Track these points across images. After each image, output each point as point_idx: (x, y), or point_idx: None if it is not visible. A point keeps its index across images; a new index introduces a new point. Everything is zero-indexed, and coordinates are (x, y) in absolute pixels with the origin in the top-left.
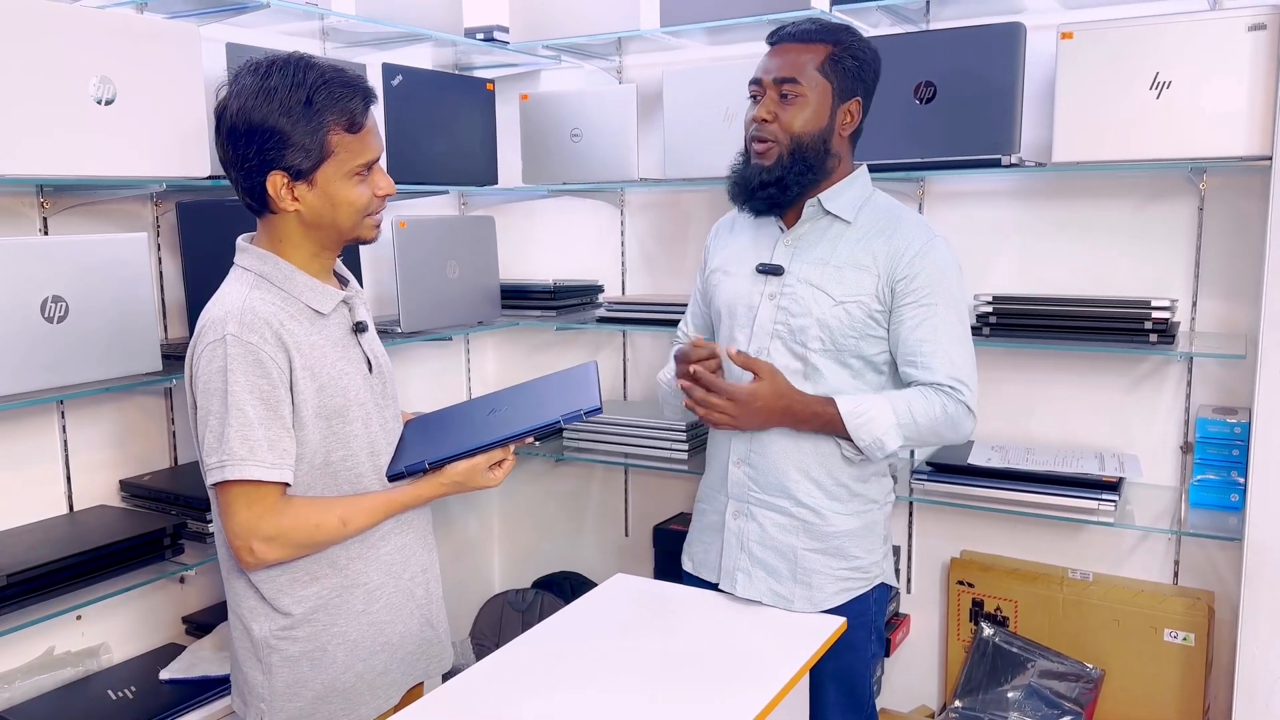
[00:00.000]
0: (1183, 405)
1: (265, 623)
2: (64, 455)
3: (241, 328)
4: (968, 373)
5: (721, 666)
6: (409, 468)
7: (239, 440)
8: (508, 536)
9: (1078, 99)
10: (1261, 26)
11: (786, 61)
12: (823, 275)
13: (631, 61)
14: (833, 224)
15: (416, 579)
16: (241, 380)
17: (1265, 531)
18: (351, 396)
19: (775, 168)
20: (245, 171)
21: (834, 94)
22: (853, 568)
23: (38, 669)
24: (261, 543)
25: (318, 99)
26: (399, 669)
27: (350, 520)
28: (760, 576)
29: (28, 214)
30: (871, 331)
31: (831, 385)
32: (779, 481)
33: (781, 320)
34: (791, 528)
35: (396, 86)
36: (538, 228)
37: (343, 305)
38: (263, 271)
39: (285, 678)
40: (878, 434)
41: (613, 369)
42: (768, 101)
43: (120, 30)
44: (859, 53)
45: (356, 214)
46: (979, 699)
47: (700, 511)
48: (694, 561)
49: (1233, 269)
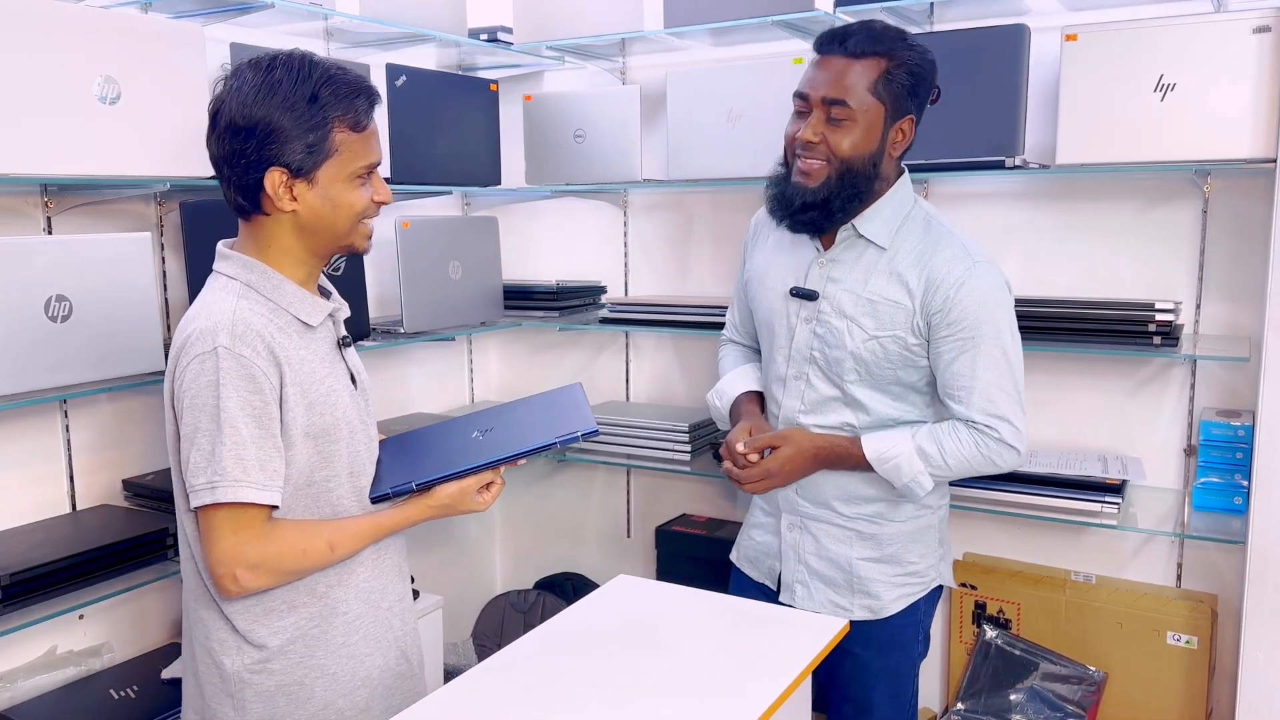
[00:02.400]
0: (1186, 408)
1: (238, 657)
2: (67, 454)
3: (233, 340)
4: (1008, 408)
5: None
6: (394, 489)
7: (233, 460)
8: (509, 538)
9: (1082, 101)
10: (1266, 29)
11: (835, 79)
12: (856, 307)
13: (635, 62)
14: (867, 249)
15: (394, 608)
16: (234, 395)
17: (1268, 535)
18: (339, 415)
19: (821, 189)
20: (241, 168)
21: (887, 115)
22: (909, 573)
23: (40, 668)
24: (246, 570)
25: (323, 95)
26: (379, 705)
27: (338, 546)
28: (819, 588)
29: (31, 213)
30: (909, 363)
31: (873, 411)
32: (822, 499)
33: (818, 349)
34: (845, 538)
35: (400, 87)
36: (541, 228)
37: (329, 319)
38: (249, 280)
39: (260, 714)
40: (906, 480)
41: (616, 370)
42: (815, 121)
43: (125, 30)
44: (915, 67)
45: (354, 218)
46: (981, 702)
47: (756, 509)
48: (740, 554)
49: (1237, 272)
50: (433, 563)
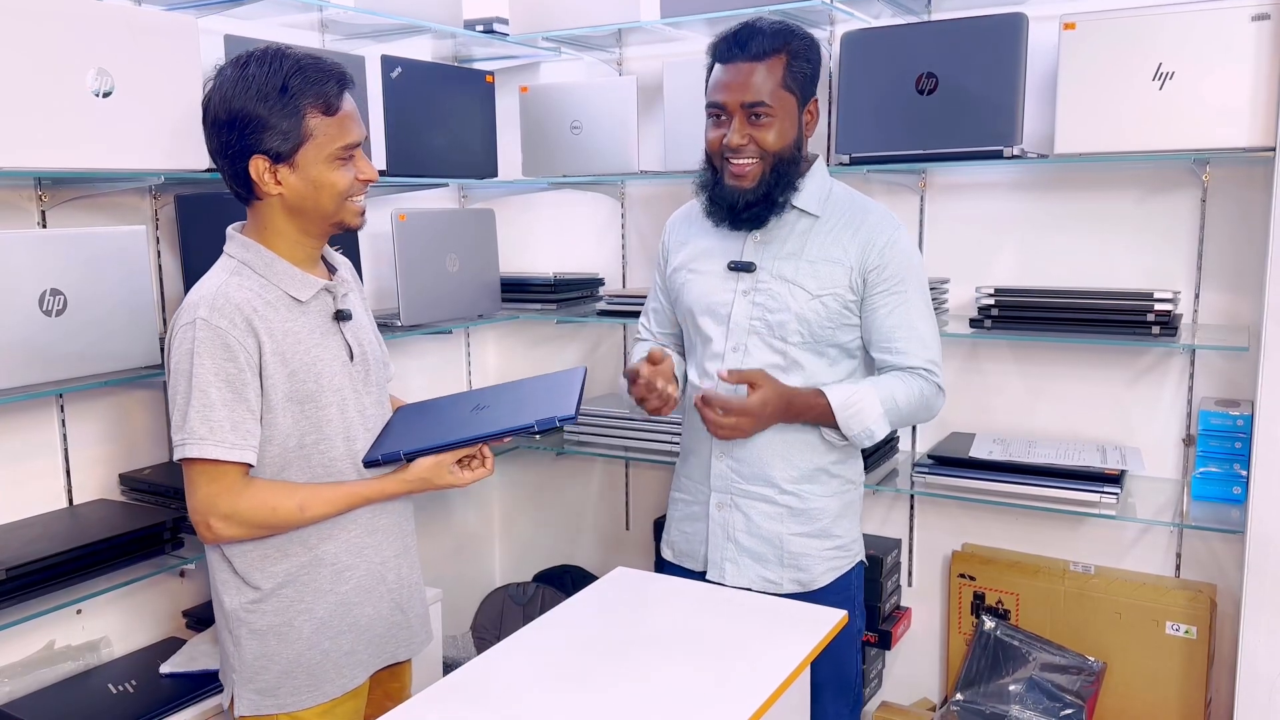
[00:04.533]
0: (1185, 397)
1: (236, 596)
2: (63, 449)
3: (212, 312)
4: (937, 352)
5: (723, 659)
6: (385, 456)
7: (199, 420)
8: (508, 530)
9: (1080, 90)
10: (1265, 17)
11: (749, 84)
12: (797, 270)
13: (632, 53)
14: (800, 218)
15: (389, 563)
16: (207, 363)
17: (1267, 524)
18: (325, 383)
19: (760, 186)
20: (229, 158)
21: (798, 102)
22: (837, 547)
23: (38, 663)
24: (218, 520)
25: (292, 84)
26: (366, 650)
27: (308, 508)
28: (748, 564)
29: (26, 207)
30: (846, 321)
31: (810, 374)
32: (762, 471)
33: (759, 316)
34: (776, 515)
35: (396, 79)
36: (538, 220)
37: (324, 293)
38: (245, 259)
39: (253, 650)
40: (868, 424)
41: (613, 362)
42: (739, 125)
43: (118, 22)
44: (808, 53)
45: (338, 197)
46: (980, 692)
47: (678, 502)
48: (674, 550)
49: (1236, 261)
50: (432, 555)
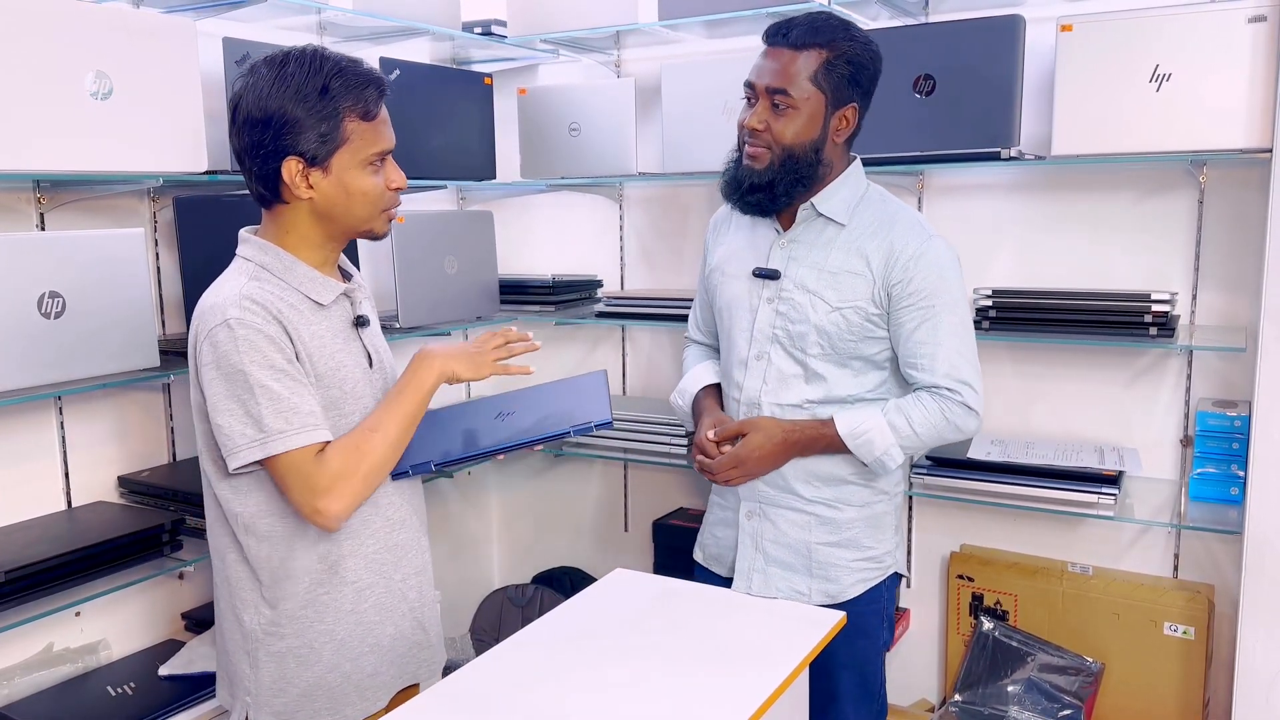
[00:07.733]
0: (1182, 398)
1: (255, 615)
2: (62, 451)
3: (243, 312)
4: (969, 372)
5: (722, 660)
6: (414, 468)
7: (272, 415)
8: (507, 532)
9: (1077, 92)
10: (1262, 19)
11: (778, 69)
12: (818, 281)
13: (630, 55)
14: (827, 226)
15: (409, 580)
16: (255, 358)
17: (1265, 525)
18: (349, 389)
19: (765, 173)
20: (260, 158)
21: (828, 103)
22: (867, 558)
23: (37, 665)
24: (324, 496)
25: (333, 86)
26: (389, 671)
27: (379, 425)
28: (776, 574)
29: (24, 210)
30: (870, 334)
31: (833, 386)
32: (787, 484)
33: (780, 325)
34: (804, 523)
35: (394, 81)
36: (536, 222)
37: (344, 298)
38: (263, 262)
39: (271, 673)
40: (878, 454)
41: (612, 364)
42: (760, 109)
43: (117, 25)
44: (855, 57)
45: (371, 204)
46: (979, 693)
47: (715, 506)
48: (705, 554)
49: (1233, 262)
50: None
